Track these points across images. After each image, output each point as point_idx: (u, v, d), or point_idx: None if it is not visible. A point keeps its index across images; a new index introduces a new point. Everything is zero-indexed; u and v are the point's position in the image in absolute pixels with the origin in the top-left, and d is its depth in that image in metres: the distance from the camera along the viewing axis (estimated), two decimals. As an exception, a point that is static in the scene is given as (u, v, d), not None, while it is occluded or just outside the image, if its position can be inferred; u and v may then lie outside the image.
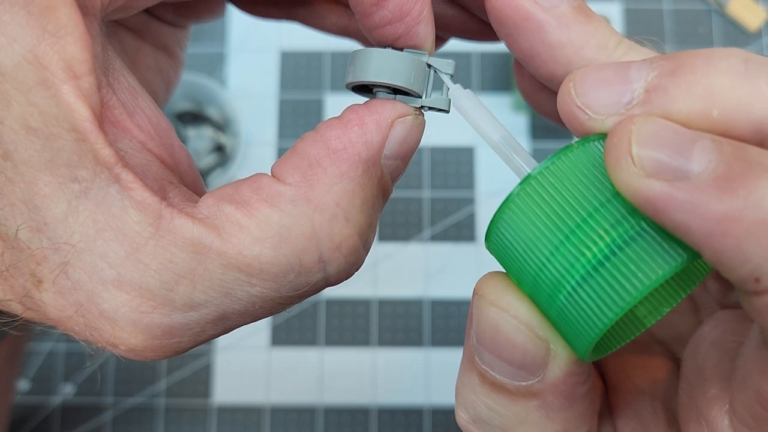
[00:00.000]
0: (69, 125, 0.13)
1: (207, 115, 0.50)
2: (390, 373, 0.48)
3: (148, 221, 0.14)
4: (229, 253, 0.14)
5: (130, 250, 0.14)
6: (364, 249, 0.17)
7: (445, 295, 0.49)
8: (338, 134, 0.16)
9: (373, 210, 0.16)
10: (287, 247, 0.15)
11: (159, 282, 0.14)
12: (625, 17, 0.53)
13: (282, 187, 0.15)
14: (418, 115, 0.17)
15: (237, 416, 0.47)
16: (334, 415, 0.47)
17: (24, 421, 0.47)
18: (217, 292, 0.15)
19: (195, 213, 0.15)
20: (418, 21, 0.16)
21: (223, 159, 0.50)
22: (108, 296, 0.14)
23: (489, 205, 0.50)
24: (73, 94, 0.13)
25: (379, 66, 0.16)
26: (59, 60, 0.13)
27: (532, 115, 0.51)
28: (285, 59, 0.53)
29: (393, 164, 0.17)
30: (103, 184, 0.14)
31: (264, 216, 0.15)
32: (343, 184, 0.15)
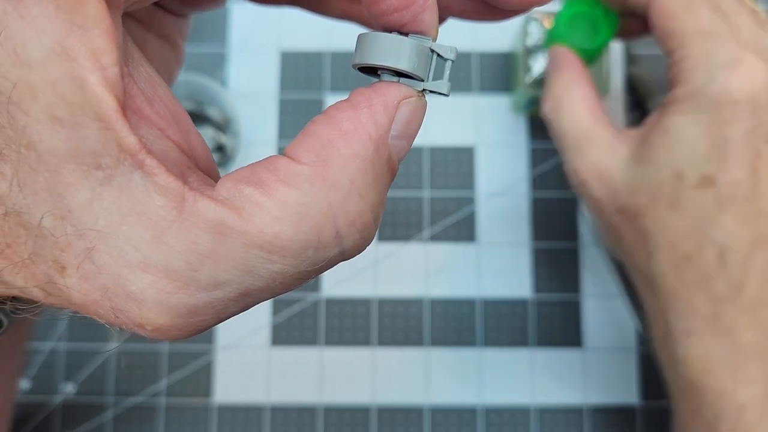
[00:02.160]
0: (95, 114, 0.14)
1: (207, 115, 0.50)
2: (390, 373, 0.48)
3: (172, 205, 0.15)
4: (250, 232, 0.15)
5: (155, 233, 0.15)
6: (375, 224, 0.18)
7: (445, 295, 0.49)
8: (349, 116, 0.17)
9: (383, 187, 0.17)
10: (306, 225, 0.15)
11: (184, 263, 0.15)
12: (625, 17, 0.53)
13: (298, 167, 0.16)
14: (420, 97, 0.18)
15: (237, 415, 0.47)
16: (334, 415, 0.47)
17: (25, 420, 0.47)
18: (240, 271, 0.15)
19: (215, 195, 0.15)
20: (423, 9, 0.17)
21: (224, 159, 0.50)
22: (135, 278, 0.15)
23: (489, 205, 0.50)
24: (99, 84, 0.14)
25: (385, 50, 0.17)
26: (86, 51, 0.14)
27: (532, 115, 0.51)
28: (285, 59, 0.53)
29: (399, 144, 0.18)
30: (126, 171, 0.14)
31: (282, 195, 0.15)
32: (356, 164, 0.16)
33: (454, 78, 0.52)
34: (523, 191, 0.50)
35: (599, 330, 0.48)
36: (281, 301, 0.49)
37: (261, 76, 0.53)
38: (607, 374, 0.48)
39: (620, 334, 0.48)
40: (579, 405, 0.47)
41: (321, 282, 0.49)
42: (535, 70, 0.46)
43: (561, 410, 0.47)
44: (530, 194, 0.50)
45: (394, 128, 0.17)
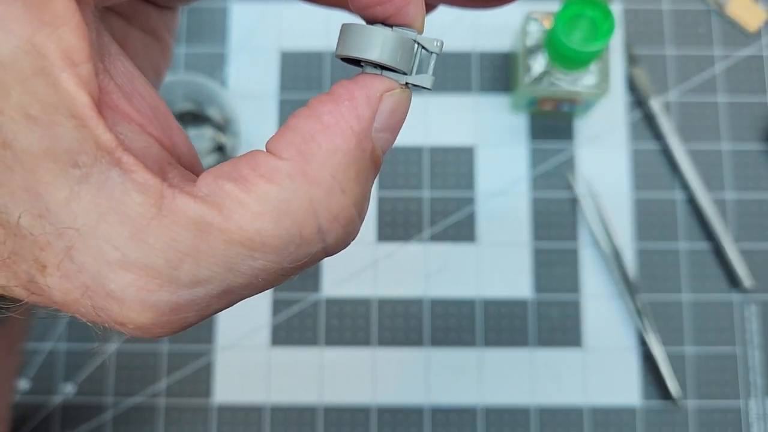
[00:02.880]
0: (69, 112, 0.14)
1: (207, 115, 0.50)
2: (390, 373, 0.48)
3: (151, 202, 0.14)
4: (231, 229, 0.15)
5: (134, 231, 0.14)
6: (359, 218, 0.17)
7: (445, 295, 0.49)
8: (330, 109, 0.16)
9: (366, 181, 0.17)
10: (287, 220, 0.15)
11: (164, 261, 0.15)
12: (625, 17, 0.53)
13: (278, 162, 0.16)
14: (404, 89, 0.18)
15: (237, 416, 0.47)
16: (334, 415, 0.47)
17: (24, 420, 0.47)
18: (221, 268, 0.15)
19: (195, 191, 0.15)
20: (408, 1, 0.17)
21: (224, 159, 0.50)
22: (114, 277, 0.15)
23: (489, 205, 0.50)
24: (71, 81, 0.14)
25: (367, 43, 0.17)
26: (57, 49, 0.13)
27: (532, 115, 0.51)
28: (285, 59, 0.53)
29: (383, 137, 0.17)
30: (104, 169, 0.14)
31: (263, 191, 0.15)
32: (338, 158, 0.16)
33: (452, 78, 0.52)
34: (523, 191, 0.50)
35: (599, 330, 0.48)
36: (281, 302, 0.49)
37: (261, 76, 0.53)
38: (607, 374, 0.48)
39: (620, 334, 0.48)
40: (579, 405, 0.47)
41: (321, 282, 0.49)
42: (534, 69, 0.46)
43: (561, 410, 0.47)
44: (530, 194, 0.50)
45: (377, 121, 0.17)
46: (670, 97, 0.52)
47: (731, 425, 0.47)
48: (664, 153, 0.51)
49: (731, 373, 0.48)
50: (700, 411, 0.47)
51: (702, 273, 0.49)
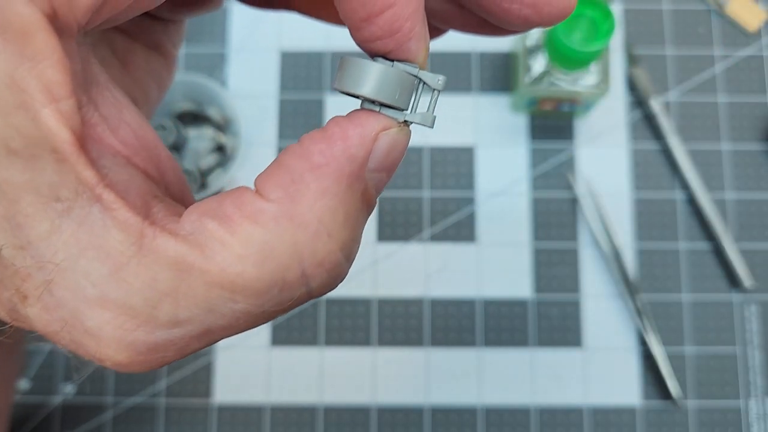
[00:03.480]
0: (50, 147, 0.14)
1: (207, 115, 0.50)
2: (390, 373, 0.48)
3: (131, 240, 0.14)
4: (212, 270, 0.14)
5: (113, 269, 0.14)
6: (347, 262, 0.16)
7: (445, 295, 0.49)
8: (322, 148, 0.16)
9: (356, 224, 0.16)
10: (270, 265, 0.15)
11: (142, 300, 0.14)
12: (625, 17, 0.53)
13: (264, 204, 0.15)
14: (402, 127, 0.17)
15: (237, 416, 0.47)
16: (334, 415, 0.47)
17: (24, 420, 0.47)
18: (201, 309, 0.15)
19: (178, 229, 0.15)
20: (409, 37, 0.16)
21: (224, 159, 0.50)
22: (92, 314, 0.14)
23: (489, 205, 0.50)
24: (52, 117, 0.13)
25: (365, 79, 0.16)
26: (38, 84, 0.13)
27: (532, 115, 0.51)
28: (285, 59, 0.53)
29: (377, 177, 0.17)
30: (85, 204, 0.14)
31: (247, 233, 0.15)
32: (326, 200, 0.15)
33: (452, 78, 0.52)
34: (523, 191, 0.50)
35: (599, 330, 0.48)
36: (281, 301, 0.49)
37: (261, 76, 0.53)
38: (607, 374, 0.48)
39: (620, 334, 0.48)
40: (579, 405, 0.47)
41: (321, 282, 0.49)
42: (534, 69, 0.46)
43: (561, 410, 0.47)
44: (530, 194, 0.50)
45: (372, 161, 0.16)
46: (670, 97, 0.52)
47: (731, 425, 0.47)
48: (664, 153, 0.51)
49: (731, 373, 0.48)
50: (700, 411, 0.47)
51: (702, 273, 0.49)
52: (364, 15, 0.15)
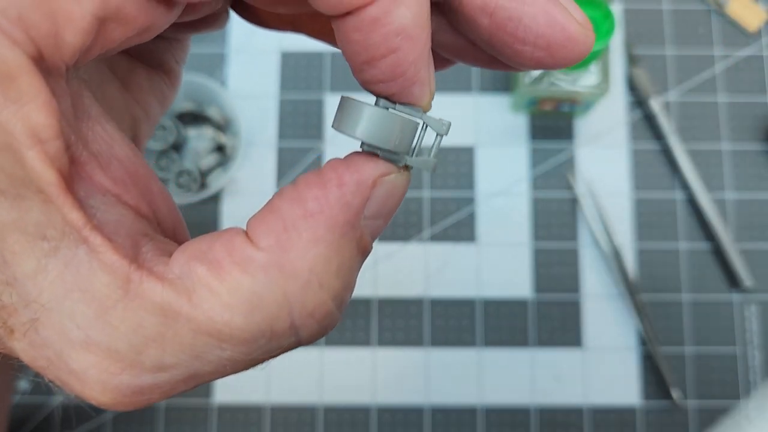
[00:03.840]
0: (35, 188, 0.13)
1: (207, 115, 0.50)
2: (390, 373, 0.48)
3: (117, 284, 0.14)
4: (199, 318, 0.14)
5: (99, 312, 0.14)
6: (338, 311, 0.16)
7: (445, 295, 0.49)
8: (316, 194, 0.15)
9: (350, 272, 0.16)
10: (258, 315, 0.15)
11: (128, 345, 0.14)
12: (625, 17, 0.53)
13: (254, 252, 0.15)
14: (402, 172, 0.16)
15: (237, 416, 0.47)
16: (334, 415, 0.47)
17: (24, 421, 0.47)
18: (187, 355, 0.15)
19: (166, 273, 0.15)
20: (413, 82, 0.15)
21: (224, 159, 0.50)
22: (77, 356, 0.14)
23: (489, 205, 0.50)
24: (38, 159, 0.13)
25: (364, 124, 0.15)
26: (23, 126, 0.13)
27: (532, 115, 0.51)
28: (285, 59, 0.53)
29: (374, 224, 0.16)
30: (71, 245, 0.14)
31: (235, 281, 0.14)
32: (318, 250, 0.15)
33: (452, 78, 0.52)
34: (523, 191, 0.50)
35: (599, 330, 0.48)
36: (281, 301, 0.49)
37: (261, 76, 0.53)
38: (607, 374, 0.48)
39: (620, 334, 0.48)
40: (579, 405, 0.47)
41: (321, 282, 0.49)
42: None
43: (561, 410, 0.47)
44: (530, 194, 0.50)
45: (368, 208, 0.16)
46: (670, 97, 0.52)
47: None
48: (664, 153, 0.51)
49: (731, 373, 0.48)
50: (700, 411, 0.47)
51: (702, 273, 0.49)
52: (366, 58, 0.15)
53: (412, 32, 0.15)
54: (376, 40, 0.14)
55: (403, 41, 0.15)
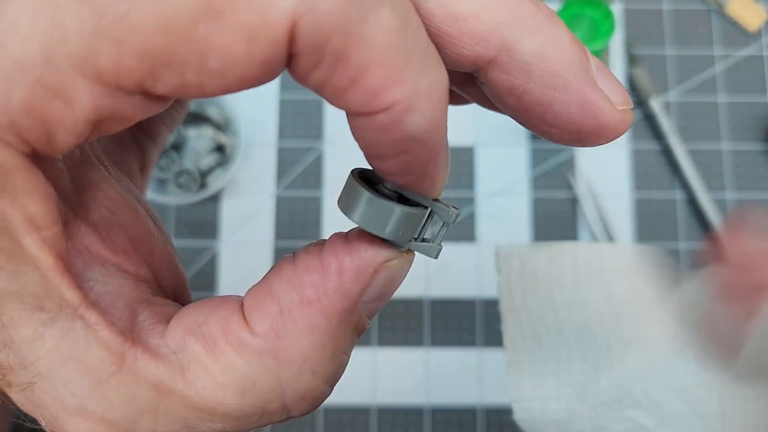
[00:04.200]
0: (34, 266, 0.14)
1: (207, 115, 0.50)
2: (390, 373, 0.48)
3: (111, 359, 0.14)
4: (192, 396, 0.15)
5: (94, 383, 0.14)
6: (330, 389, 0.16)
7: (445, 295, 0.49)
8: (314, 281, 0.15)
9: (343, 355, 0.16)
10: (250, 397, 0.15)
11: (122, 415, 0.15)
12: (625, 17, 0.53)
13: (249, 337, 0.15)
14: (404, 255, 0.16)
15: (237, 416, 0.47)
16: (334, 415, 0.47)
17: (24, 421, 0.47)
18: (179, 426, 0.15)
19: (161, 347, 0.15)
20: (422, 180, 0.15)
21: (224, 159, 0.50)
22: (72, 422, 0.15)
23: (489, 205, 0.50)
24: (35, 245, 0.13)
25: (368, 212, 0.15)
26: (19, 215, 0.13)
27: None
28: (285, 59, 0.53)
29: (373, 306, 0.16)
30: (68, 318, 0.14)
31: (229, 362, 0.15)
32: (314, 338, 0.15)
33: (454, 78, 0.52)
34: (523, 191, 0.50)
35: (599, 330, 0.48)
36: (281, 302, 0.49)
37: (261, 76, 0.53)
38: (607, 374, 0.48)
39: (620, 334, 0.48)
40: (579, 405, 0.47)
41: (321, 282, 0.49)
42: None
43: (561, 410, 0.47)
44: (530, 194, 0.50)
45: (368, 294, 0.15)
46: (670, 97, 0.52)
47: (731, 425, 0.47)
48: (664, 153, 0.51)
49: (731, 373, 0.48)
50: (700, 411, 0.47)
51: (702, 273, 0.49)
52: (375, 154, 0.14)
53: (425, 137, 0.14)
54: (385, 142, 0.14)
55: (414, 145, 0.14)
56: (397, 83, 0.13)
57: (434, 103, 0.13)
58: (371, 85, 0.13)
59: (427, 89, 0.13)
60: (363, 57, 0.13)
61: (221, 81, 0.13)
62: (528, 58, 0.15)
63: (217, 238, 0.50)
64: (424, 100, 0.13)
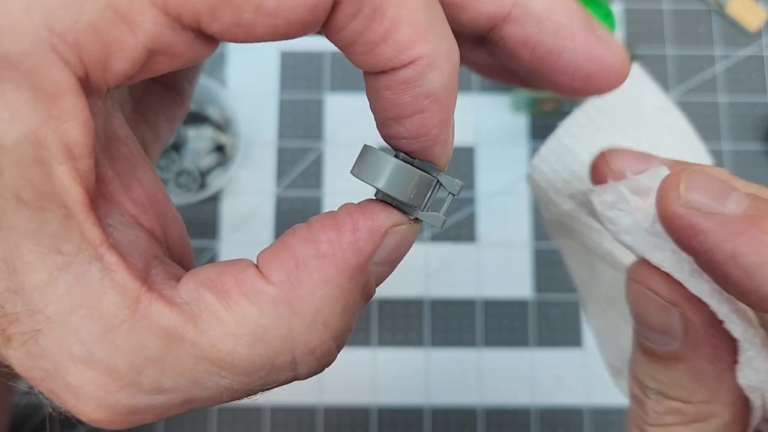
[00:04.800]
0: (60, 202, 0.14)
1: (207, 115, 0.50)
2: (390, 373, 0.48)
3: (126, 304, 0.14)
4: (202, 344, 0.15)
5: (104, 329, 0.14)
6: (337, 350, 0.17)
7: (445, 295, 0.49)
8: (330, 237, 0.16)
9: (352, 314, 0.16)
10: (262, 347, 0.15)
11: (128, 364, 0.14)
12: (625, 17, 0.53)
13: (265, 285, 0.15)
14: (412, 224, 0.17)
15: (237, 416, 0.47)
16: (334, 415, 0.47)
17: (24, 421, 0.47)
18: (186, 380, 0.15)
19: (174, 297, 0.15)
20: (434, 143, 0.16)
21: (224, 159, 0.50)
22: (75, 371, 0.14)
23: (489, 205, 0.50)
24: (68, 175, 0.14)
25: (383, 173, 0.16)
26: (59, 143, 0.13)
27: (532, 115, 0.51)
28: (285, 59, 0.53)
29: (380, 270, 0.17)
30: (85, 261, 0.14)
31: (243, 311, 0.15)
32: (327, 290, 0.15)
33: (454, 78, 0.52)
34: (523, 191, 0.50)
35: (599, 330, 0.48)
36: (281, 302, 0.49)
37: (261, 76, 0.53)
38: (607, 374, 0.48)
39: (620, 334, 0.48)
40: (579, 405, 0.47)
41: (321, 282, 0.49)
42: (535, 70, 0.46)
43: (561, 410, 0.47)
44: (530, 194, 0.50)
45: (378, 255, 0.16)
46: (671, 97, 0.51)
47: (731, 425, 0.47)
48: (665, 153, 0.51)
49: (731, 373, 0.48)
50: (701, 411, 0.47)
51: (702, 273, 0.49)
52: (394, 115, 0.15)
53: (441, 96, 0.15)
54: (405, 99, 0.15)
55: (431, 104, 0.15)
56: (423, 41, 0.14)
57: (451, 65, 0.15)
58: (401, 39, 0.14)
59: (446, 52, 0.15)
60: (396, 13, 0.14)
61: (272, 22, 0.14)
62: (539, 12, 0.17)
63: (217, 238, 0.50)
64: (443, 60, 0.15)
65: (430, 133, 0.16)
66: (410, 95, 0.15)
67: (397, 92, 0.15)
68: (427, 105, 0.15)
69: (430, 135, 0.16)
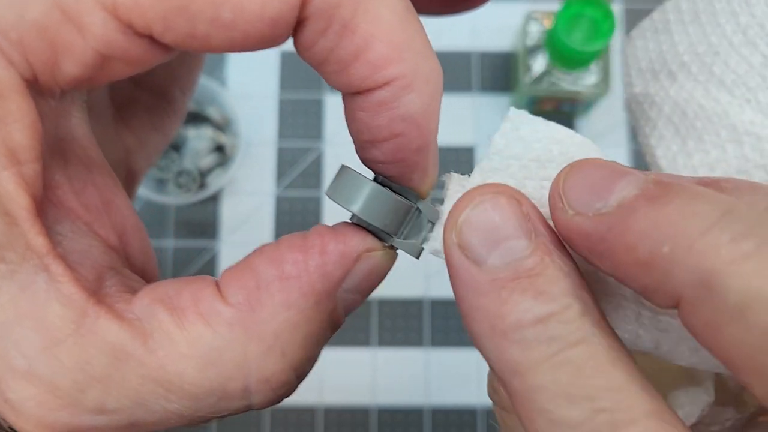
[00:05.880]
0: (3, 209, 0.13)
1: (207, 115, 0.50)
2: (390, 373, 0.48)
3: (71, 317, 0.13)
4: (150, 364, 0.14)
5: (48, 343, 0.13)
6: (297, 380, 0.16)
7: (445, 295, 0.49)
8: (296, 258, 0.15)
9: (316, 344, 0.15)
10: (213, 371, 0.14)
11: (71, 381, 0.14)
12: (625, 17, 0.53)
13: (222, 306, 0.14)
14: (387, 251, 0.16)
15: (237, 416, 0.47)
16: (334, 415, 0.47)
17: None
18: (131, 401, 0.14)
19: (126, 312, 0.14)
20: (412, 169, 0.15)
21: (223, 159, 0.50)
22: (16, 386, 0.14)
23: (489, 205, 0.50)
24: (12, 180, 0.13)
25: (358, 198, 0.15)
26: (2, 146, 0.13)
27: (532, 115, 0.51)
28: (285, 59, 0.53)
29: (350, 298, 0.16)
30: (31, 271, 0.13)
31: (197, 332, 0.14)
32: (288, 315, 0.14)
33: (452, 78, 0.52)
34: (523, 191, 0.50)
35: (599, 330, 0.48)
36: (281, 302, 0.49)
37: (261, 76, 0.53)
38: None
39: (620, 334, 0.48)
40: (579, 405, 0.47)
41: (321, 282, 0.49)
42: (535, 69, 0.46)
43: (561, 410, 0.47)
44: (530, 194, 0.50)
45: (348, 281, 0.15)
46: (671, 97, 0.52)
47: (731, 425, 0.47)
48: (665, 153, 0.51)
49: (731, 373, 0.48)
50: (701, 411, 0.47)
51: (702, 273, 0.49)
52: (369, 138, 0.15)
53: (419, 120, 0.14)
54: (380, 122, 0.14)
55: (408, 127, 0.14)
56: (399, 60, 0.13)
57: (432, 88, 0.14)
58: (374, 58, 0.13)
59: (426, 73, 0.14)
60: (369, 29, 0.13)
61: (228, 35, 0.13)
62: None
63: (217, 238, 0.50)
64: (422, 81, 0.14)
65: (408, 158, 0.15)
66: (385, 118, 0.14)
67: (371, 114, 0.14)
68: (403, 128, 0.14)
69: (409, 161, 0.15)
